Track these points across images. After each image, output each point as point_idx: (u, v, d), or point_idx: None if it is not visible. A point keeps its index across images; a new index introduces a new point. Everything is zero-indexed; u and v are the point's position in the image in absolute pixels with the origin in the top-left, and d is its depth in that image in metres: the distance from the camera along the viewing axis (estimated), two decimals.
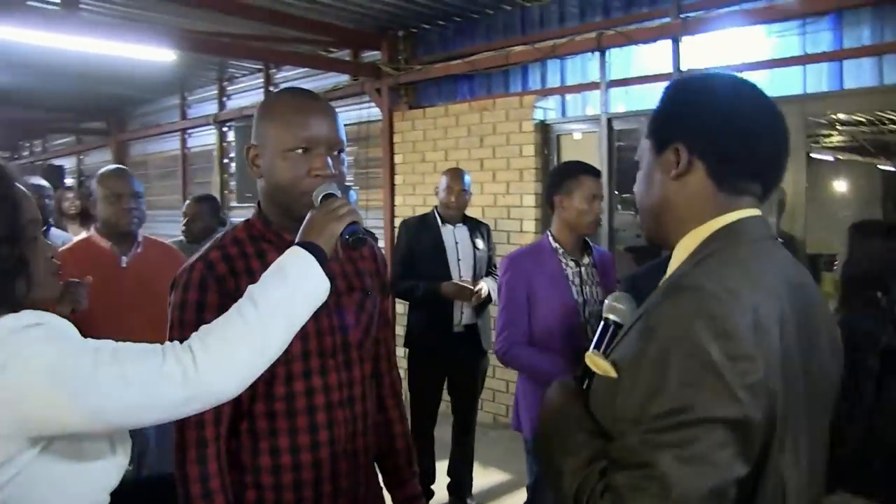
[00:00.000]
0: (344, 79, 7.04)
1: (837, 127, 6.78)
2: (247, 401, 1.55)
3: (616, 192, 5.30)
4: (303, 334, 1.52)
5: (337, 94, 7.06)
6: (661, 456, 0.99)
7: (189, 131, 9.50)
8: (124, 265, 2.86)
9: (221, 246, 1.58)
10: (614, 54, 5.10)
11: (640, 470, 1.00)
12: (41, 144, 14.05)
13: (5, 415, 1.17)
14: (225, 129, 8.73)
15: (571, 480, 1.10)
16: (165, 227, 8.18)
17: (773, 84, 4.40)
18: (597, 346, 1.29)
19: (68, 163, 12.78)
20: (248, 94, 8.40)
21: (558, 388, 1.30)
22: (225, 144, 8.79)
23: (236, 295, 1.38)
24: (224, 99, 8.77)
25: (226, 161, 8.84)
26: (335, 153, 1.57)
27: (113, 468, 1.39)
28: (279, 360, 1.49)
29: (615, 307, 1.35)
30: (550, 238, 2.95)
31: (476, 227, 4.26)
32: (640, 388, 1.04)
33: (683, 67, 4.76)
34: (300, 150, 1.52)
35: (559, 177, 2.94)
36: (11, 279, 1.29)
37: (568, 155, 5.55)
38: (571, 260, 2.91)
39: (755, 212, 1.20)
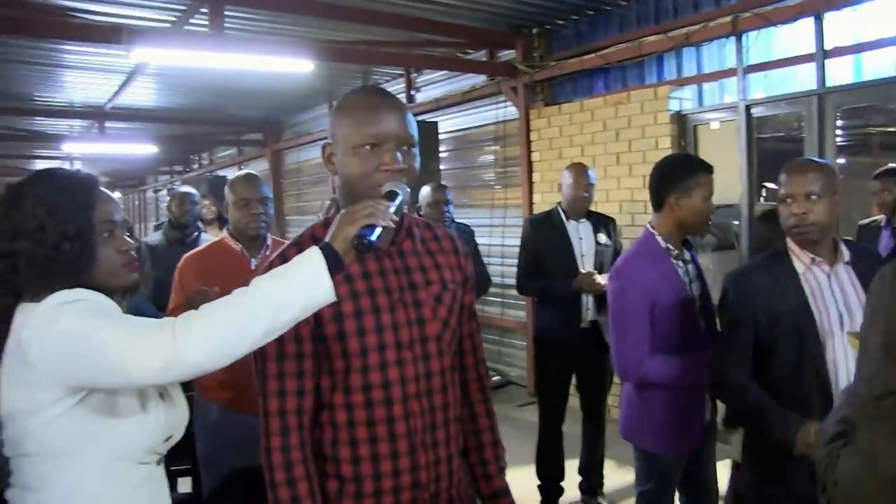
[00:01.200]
0: (481, 79, 7.12)
1: None
2: (327, 392, 1.61)
3: (761, 184, 5.06)
4: (378, 327, 1.59)
5: (475, 94, 7.18)
6: None
7: None
8: (253, 267, 2.97)
9: (299, 243, 1.64)
10: (752, 38, 4.89)
11: None
12: (208, 157, 15.10)
13: (45, 367, 1.43)
14: None
15: None
16: None
17: None
18: None
19: (231, 173, 13.63)
20: None
21: None
22: None
23: None
24: None
25: None
26: (405, 148, 1.60)
27: (147, 426, 1.56)
28: (355, 353, 1.58)
29: None
30: (659, 237, 2.73)
31: (600, 222, 4.20)
32: None
33: (828, 47, 4.50)
34: (369, 146, 1.56)
35: (675, 174, 2.73)
36: (79, 268, 1.55)
37: (706, 146, 5.37)
38: (681, 259, 2.76)
39: None
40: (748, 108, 4.92)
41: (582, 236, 4.13)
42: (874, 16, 4.32)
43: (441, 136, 7.34)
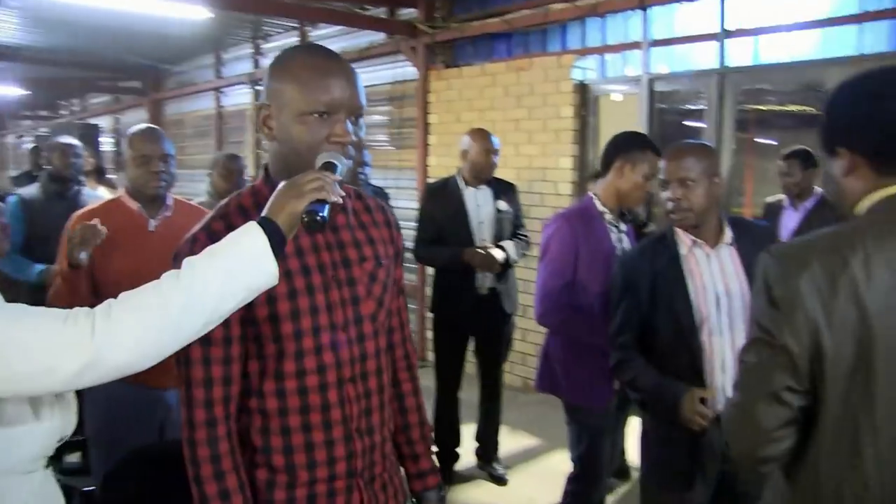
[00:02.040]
0: (379, 37, 6.93)
1: None
2: (256, 377, 1.47)
3: None
4: (313, 308, 1.46)
5: (372, 52, 6.98)
6: None
7: (223, 90, 9.48)
8: (152, 228, 2.75)
9: (225, 215, 1.47)
10: (657, 13, 4.93)
11: None
12: (79, 104, 14.16)
13: None
14: (259, 87, 8.68)
15: None
16: (200, 186, 8.18)
17: (825, 45, 4.22)
18: None
19: (105, 122, 12.86)
20: None
21: None
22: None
23: None
24: (259, 57, 8.73)
25: None
26: (354, 118, 1.46)
27: (39, 434, 1.33)
28: (289, 337, 1.44)
29: None
30: (597, 201, 2.89)
31: (500, 189, 4.14)
32: None
33: (730, 27, 4.58)
34: (318, 115, 1.41)
35: (628, 144, 2.86)
36: None
37: (607, 117, 5.42)
38: (614, 226, 2.87)
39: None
40: (651, 81, 4.97)
41: (480, 203, 4.05)
42: (773, 2, 4.43)
43: None
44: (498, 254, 3.85)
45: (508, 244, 3.98)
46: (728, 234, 2.34)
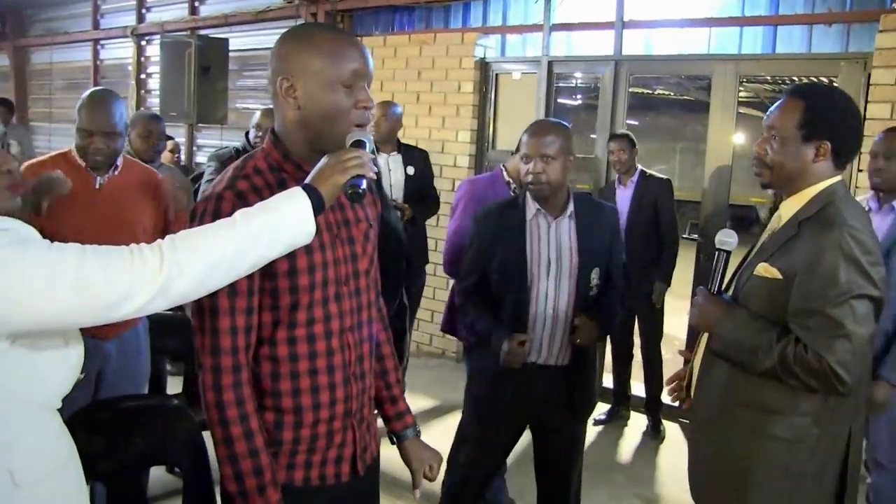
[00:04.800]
0: (277, 0, 6.87)
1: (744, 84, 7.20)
2: (268, 327, 1.60)
3: None
4: (324, 263, 1.62)
5: (269, 15, 6.92)
6: (845, 318, 1.72)
7: (102, 42, 9.07)
8: (98, 186, 2.73)
9: (246, 176, 1.58)
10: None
11: (833, 329, 1.72)
12: None
13: None
14: (143, 42, 8.40)
15: (770, 352, 1.79)
16: (67, 140, 7.85)
17: (711, 42, 4.66)
18: (717, 271, 2.02)
19: None
20: (170, 7, 8.09)
21: (712, 300, 1.97)
22: (143, 59, 8.46)
23: None
24: (143, 11, 8.41)
25: (143, 76, 8.52)
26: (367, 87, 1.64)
27: (70, 365, 1.46)
28: (304, 289, 1.59)
29: (726, 241, 2.02)
30: (505, 173, 3.26)
31: (411, 155, 4.46)
32: (816, 283, 1.74)
33: (626, 18, 4.95)
34: (345, 83, 1.57)
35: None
36: None
37: (506, 94, 5.69)
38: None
39: (840, 176, 1.90)
40: (550, 63, 5.28)
41: (391, 168, 4.33)
42: None
43: (230, 55, 6.99)
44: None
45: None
46: (570, 208, 2.60)
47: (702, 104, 10.27)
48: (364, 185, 1.49)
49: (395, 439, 1.97)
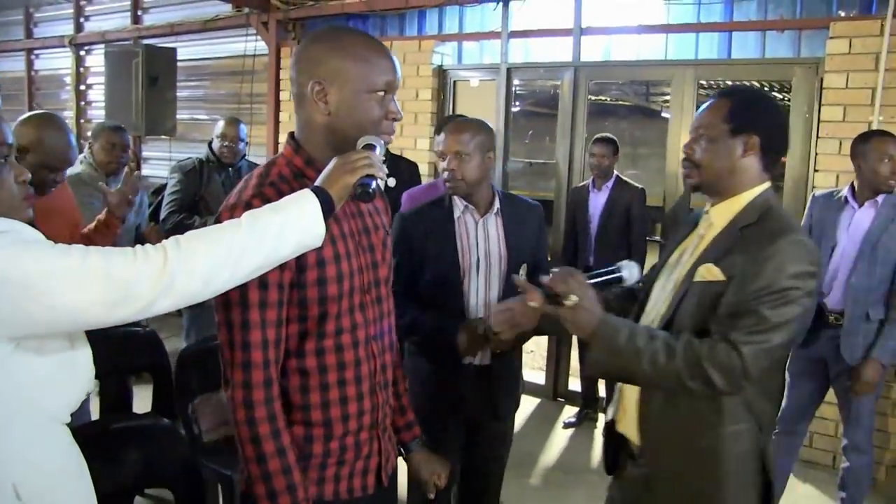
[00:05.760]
0: (226, 8, 6.74)
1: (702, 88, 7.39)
2: (295, 338, 1.57)
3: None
4: (350, 271, 1.60)
5: (218, 24, 6.80)
6: (775, 319, 1.68)
7: (37, 52, 8.78)
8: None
9: (273, 183, 1.55)
10: (515, 6, 5.27)
11: (759, 325, 1.67)
12: None
13: None
14: (82, 52, 8.16)
15: (666, 356, 1.69)
16: None
17: (668, 47, 4.76)
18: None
19: None
20: (111, 17, 7.87)
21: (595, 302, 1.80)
22: (82, 69, 8.22)
23: None
24: (81, 20, 8.17)
25: (82, 87, 8.27)
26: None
27: (78, 377, 1.43)
28: (333, 298, 1.57)
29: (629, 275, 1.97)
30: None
31: (395, 166, 4.36)
32: (756, 285, 1.68)
33: (584, 25, 5.02)
34: (381, 92, 1.57)
35: None
36: None
37: (464, 101, 5.71)
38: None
39: (769, 183, 1.89)
40: (509, 70, 5.32)
41: None
42: (624, 4, 4.92)
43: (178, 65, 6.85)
44: None
45: None
46: (496, 205, 2.64)
47: (658, 111, 10.55)
48: (374, 185, 1.48)
49: (403, 450, 1.95)
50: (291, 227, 1.37)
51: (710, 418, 1.81)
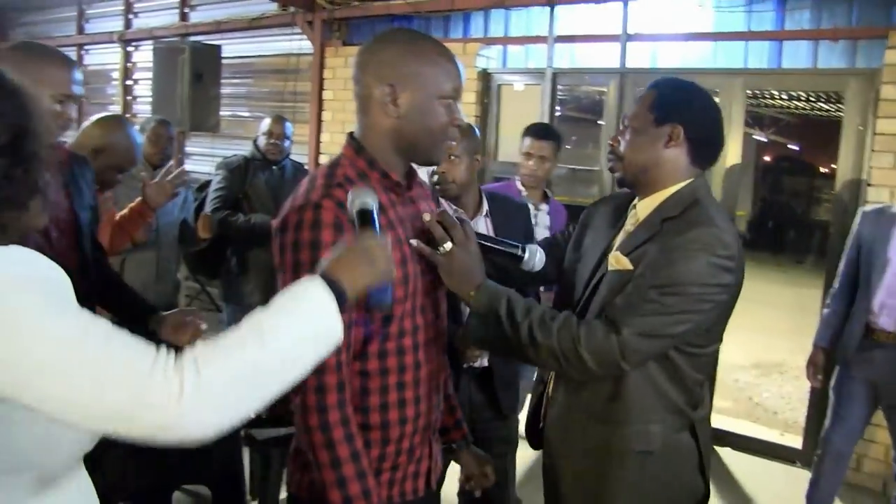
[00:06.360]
0: (272, 7, 6.79)
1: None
2: (359, 342, 1.55)
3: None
4: (414, 273, 1.59)
5: (263, 22, 6.84)
6: (669, 308, 1.59)
7: (87, 47, 8.92)
8: None
9: (340, 184, 1.51)
10: (562, 10, 5.23)
11: (646, 309, 1.59)
12: None
13: None
14: (130, 48, 8.28)
15: (542, 331, 1.62)
16: None
17: (717, 55, 4.69)
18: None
19: None
20: (158, 13, 7.98)
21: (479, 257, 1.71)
22: (130, 65, 8.34)
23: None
24: (130, 17, 8.29)
25: (129, 83, 8.39)
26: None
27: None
28: (399, 300, 1.55)
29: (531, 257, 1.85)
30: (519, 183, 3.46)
31: None
32: (657, 269, 1.61)
33: (631, 31, 4.96)
34: (450, 98, 1.56)
35: None
36: (18, 203, 1.08)
37: (508, 105, 5.67)
38: (533, 204, 3.43)
39: (702, 175, 1.81)
40: (554, 75, 5.28)
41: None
42: (672, 11, 4.86)
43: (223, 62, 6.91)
44: None
45: None
46: (485, 206, 2.65)
47: None
48: (389, 297, 1.38)
49: (452, 448, 1.94)
50: (313, 338, 1.18)
51: (613, 413, 1.72)
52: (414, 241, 1.60)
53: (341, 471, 1.45)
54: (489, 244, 1.81)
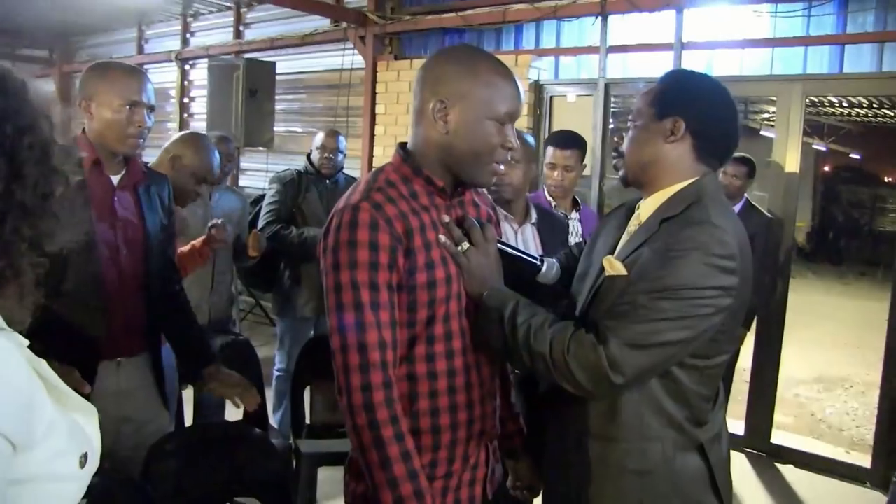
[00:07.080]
0: (325, 23, 6.88)
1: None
2: (405, 345, 1.53)
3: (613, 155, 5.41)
4: (447, 277, 1.56)
5: (316, 38, 6.93)
6: (659, 314, 1.46)
7: (146, 67, 9.14)
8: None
9: (380, 188, 1.53)
10: (614, 20, 5.18)
11: (637, 316, 1.47)
12: None
13: None
14: (187, 66, 8.46)
15: (537, 338, 1.52)
16: None
17: (774, 62, 4.58)
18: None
19: None
20: (214, 31, 8.15)
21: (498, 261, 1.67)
22: (186, 83, 8.52)
23: (400, 237, 1.46)
24: (188, 36, 8.48)
25: (186, 100, 8.58)
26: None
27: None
28: (441, 300, 1.54)
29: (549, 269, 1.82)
30: (547, 193, 3.42)
31: None
32: (650, 275, 1.49)
33: (685, 39, 4.88)
34: (501, 121, 1.55)
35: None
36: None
37: (560, 117, 5.63)
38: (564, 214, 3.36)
39: (712, 173, 1.68)
40: (607, 86, 5.22)
41: None
42: (727, 18, 4.77)
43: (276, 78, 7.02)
44: None
45: None
46: (533, 215, 2.67)
47: (756, 129, 10.18)
48: None
49: (512, 455, 1.91)
50: None
51: (608, 430, 1.61)
52: (442, 237, 1.58)
53: (392, 470, 1.43)
54: (508, 250, 1.77)
